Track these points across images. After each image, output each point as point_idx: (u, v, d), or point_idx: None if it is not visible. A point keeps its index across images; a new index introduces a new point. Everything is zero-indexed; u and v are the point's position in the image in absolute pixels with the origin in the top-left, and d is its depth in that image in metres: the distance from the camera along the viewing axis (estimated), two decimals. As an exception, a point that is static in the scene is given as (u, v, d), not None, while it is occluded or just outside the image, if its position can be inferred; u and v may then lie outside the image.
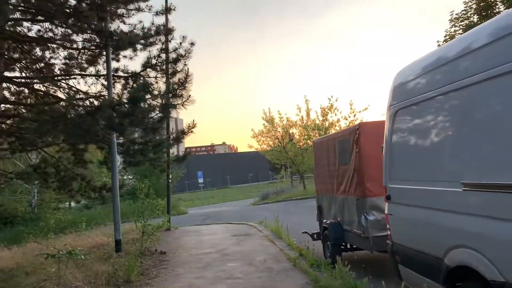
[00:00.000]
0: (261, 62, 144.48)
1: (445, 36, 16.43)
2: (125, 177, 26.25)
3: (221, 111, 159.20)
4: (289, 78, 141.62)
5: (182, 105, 7.65)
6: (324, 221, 7.50)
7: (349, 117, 24.79)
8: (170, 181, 12.52)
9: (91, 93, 9.14)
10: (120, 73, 10.45)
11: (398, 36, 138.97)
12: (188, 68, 8.40)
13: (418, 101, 3.91)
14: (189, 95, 7.74)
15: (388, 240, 4.66)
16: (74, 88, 9.74)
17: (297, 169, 29.31)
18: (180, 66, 9.76)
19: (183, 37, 9.78)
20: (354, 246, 6.81)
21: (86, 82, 10.31)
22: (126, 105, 6.87)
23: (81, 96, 8.90)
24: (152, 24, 9.69)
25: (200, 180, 43.49)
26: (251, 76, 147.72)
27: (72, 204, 30.83)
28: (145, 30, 9.71)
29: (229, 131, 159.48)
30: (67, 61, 10.51)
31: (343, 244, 6.97)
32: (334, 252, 6.86)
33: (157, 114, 7.68)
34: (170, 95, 7.79)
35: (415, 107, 3.99)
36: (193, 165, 62.44)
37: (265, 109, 29.17)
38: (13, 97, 10.74)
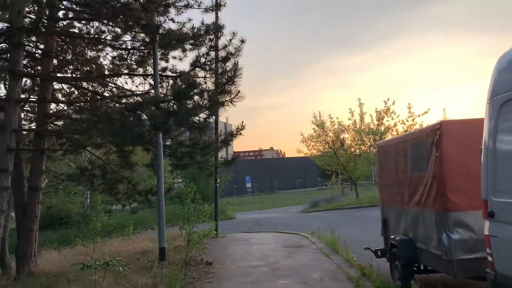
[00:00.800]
0: (312, 65, 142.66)
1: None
2: (175, 180, 26.32)
3: (269, 116, 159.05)
4: (341, 82, 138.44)
5: (231, 102, 7.03)
6: (391, 236, 6.47)
7: (407, 121, 23.17)
8: (217, 185, 11.95)
9: (137, 91, 8.75)
10: (168, 73, 10.08)
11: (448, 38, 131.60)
12: (237, 61, 7.74)
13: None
14: (238, 91, 7.11)
15: (488, 268, 3.65)
16: (120, 87, 9.43)
17: (349, 176, 27.93)
18: (229, 65, 9.19)
19: (233, 33, 9.19)
20: (429, 268, 5.76)
21: (133, 82, 9.97)
22: (171, 102, 6.33)
23: (126, 93, 8.53)
24: (202, 24, 9.19)
25: (248, 185, 43.10)
26: (300, 80, 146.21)
27: (127, 206, 31.56)
28: (195, 29, 9.26)
29: (277, 136, 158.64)
30: (117, 61, 10.32)
31: (416, 265, 5.93)
32: (405, 274, 5.84)
33: (204, 111, 7.08)
34: (218, 90, 7.17)
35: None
36: (241, 170, 62.38)
37: (315, 112, 27.65)
38: (64, 98, 10.71)
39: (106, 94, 9.83)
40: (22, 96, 8.94)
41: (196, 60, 9.52)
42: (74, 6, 9.27)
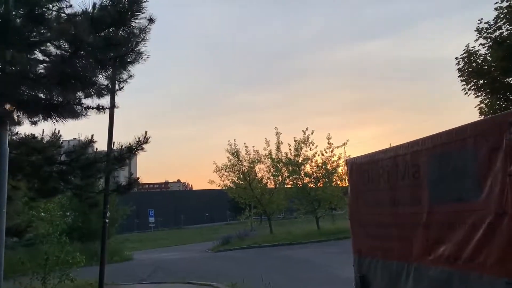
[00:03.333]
0: (224, 100, 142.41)
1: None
2: (61, 213, 21.41)
3: (177, 148, 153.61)
4: (255, 117, 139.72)
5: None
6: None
7: (326, 152, 21.97)
8: (107, 220, 8.56)
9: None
10: None
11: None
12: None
13: None
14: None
15: None
16: None
17: (264, 210, 25.81)
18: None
19: None
20: None
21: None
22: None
23: None
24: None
25: (151, 219, 38.81)
26: (211, 112, 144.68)
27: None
28: None
29: (184, 168, 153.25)
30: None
31: None
32: None
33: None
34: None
35: None
36: (144, 203, 57.15)
37: (230, 140, 25.37)
38: None
39: None
40: None
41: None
42: None
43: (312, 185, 22.09)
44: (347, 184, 20.82)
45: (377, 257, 4.33)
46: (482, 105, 13.59)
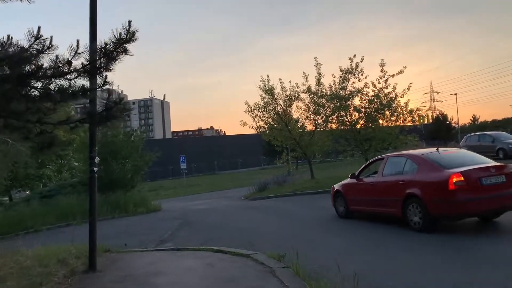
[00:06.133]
0: (250, 45, 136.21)
1: None
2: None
3: (209, 95, 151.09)
4: (281, 63, 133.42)
5: None
6: None
7: (379, 82, 18.30)
8: (95, 168, 5.86)
9: None
10: None
11: None
12: None
13: None
14: None
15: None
16: None
17: (304, 153, 22.95)
18: None
19: None
20: None
21: None
22: None
23: None
24: None
25: (183, 166, 37.02)
26: (240, 59, 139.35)
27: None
28: None
29: (217, 115, 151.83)
30: None
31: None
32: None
33: None
34: None
35: None
36: (178, 149, 55.85)
37: (263, 76, 22.05)
38: None
39: None
40: None
41: None
42: None
43: (362, 123, 18.76)
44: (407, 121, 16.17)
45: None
46: None
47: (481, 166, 7.28)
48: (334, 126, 19.96)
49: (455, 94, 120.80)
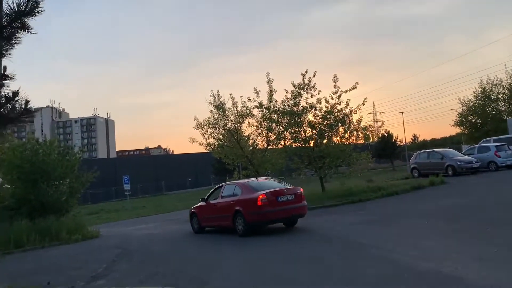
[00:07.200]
0: (199, 65, 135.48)
1: None
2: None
3: (156, 115, 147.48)
4: (231, 82, 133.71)
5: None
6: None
7: (332, 98, 17.92)
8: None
9: None
10: None
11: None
12: None
13: None
14: None
15: None
16: None
17: (256, 171, 21.98)
18: None
19: None
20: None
21: None
22: None
23: None
24: None
25: (127, 187, 34.62)
26: (188, 77, 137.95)
27: None
28: None
29: (165, 135, 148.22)
30: None
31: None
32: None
33: None
34: None
35: None
36: (122, 169, 52.86)
37: (213, 91, 20.95)
38: None
39: None
40: None
41: None
42: None
43: (315, 139, 18.20)
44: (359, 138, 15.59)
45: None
46: None
47: (278, 189, 10.95)
48: (287, 142, 19.25)
49: (402, 112, 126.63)
